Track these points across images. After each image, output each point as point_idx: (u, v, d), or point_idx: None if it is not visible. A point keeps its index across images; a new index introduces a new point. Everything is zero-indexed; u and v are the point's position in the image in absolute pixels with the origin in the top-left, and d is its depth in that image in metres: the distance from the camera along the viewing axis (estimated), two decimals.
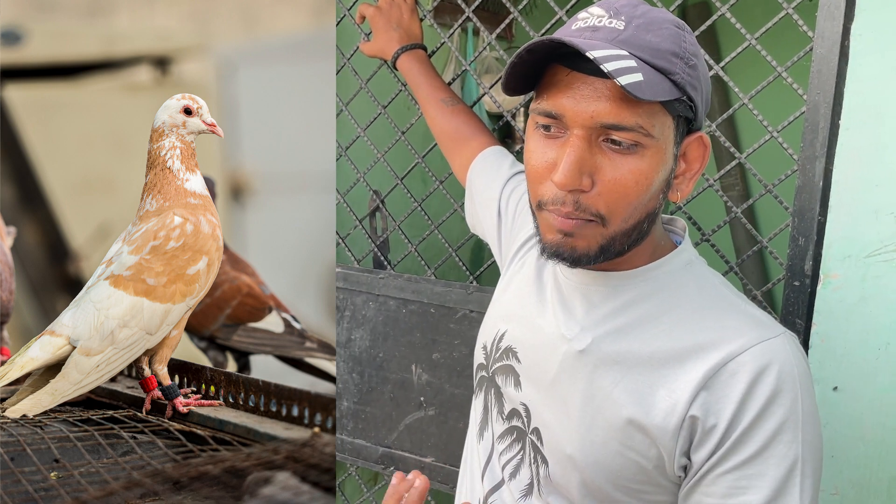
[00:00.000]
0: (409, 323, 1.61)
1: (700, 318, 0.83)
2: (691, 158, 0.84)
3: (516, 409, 0.94)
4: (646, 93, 0.73)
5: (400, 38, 1.46)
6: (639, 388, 0.82)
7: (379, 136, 1.67)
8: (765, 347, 0.79)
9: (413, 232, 1.69)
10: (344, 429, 1.74)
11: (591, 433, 0.84)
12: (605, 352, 0.85)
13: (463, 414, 1.57)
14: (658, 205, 0.83)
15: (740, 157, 1.29)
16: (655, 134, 0.77)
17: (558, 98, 0.78)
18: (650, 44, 0.77)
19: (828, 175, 1.17)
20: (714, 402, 0.78)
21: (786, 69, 1.21)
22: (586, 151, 0.77)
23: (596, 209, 0.79)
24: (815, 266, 1.19)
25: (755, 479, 0.77)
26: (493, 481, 0.97)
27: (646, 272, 0.86)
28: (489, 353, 1.00)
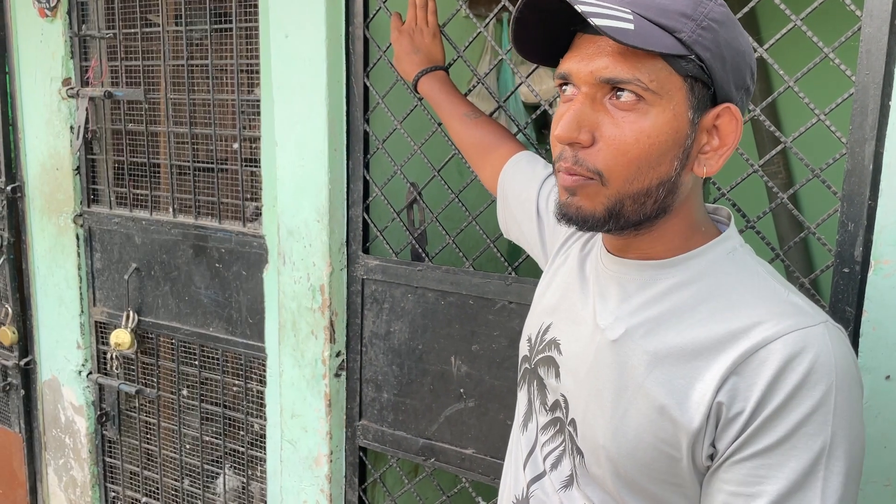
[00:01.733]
0: (448, 315, 1.61)
1: (738, 307, 0.80)
2: (724, 133, 0.82)
3: (557, 401, 0.94)
4: (632, 39, 0.73)
5: (420, 61, 1.49)
6: (672, 380, 0.80)
7: (415, 129, 1.67)
8: (801, 335, 0.76)
9: (450, 224, 1.68)
10: (384, 420, 1.75)
11: (624, 424, 0.83)
12: (639, 342, 0.84)
13: (503, 405, 1.57)
14: (672, 172, 0.80)
15: (786, 141, 1.26)
16: (657, 90, 0.77)
17: (568, 60, 0.81)
18: (658, 4, 0.78)
19: (878, 158, 1.13)
20: (742, 387, 0.76)
21: (833, 50, 1.18)
22: (588, 107, 0.79)
23: (594, 165, 0.79)
24: (866, 252, 1.15)
25: (774, 469, 0.74)
26: (535, 471, 0.96)
27: (683, 261, 0.85)
28: (533, 345, 1.00)
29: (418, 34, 1.50)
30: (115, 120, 2.13)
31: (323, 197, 1.68)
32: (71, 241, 2.21)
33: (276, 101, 1.72)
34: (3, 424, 2.57)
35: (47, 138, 2.20)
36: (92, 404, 2.30)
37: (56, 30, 2.11)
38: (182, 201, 2.03)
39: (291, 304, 1.78)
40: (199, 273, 2.00)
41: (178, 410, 2.14)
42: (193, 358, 2.07)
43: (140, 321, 2.13)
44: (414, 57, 1.49)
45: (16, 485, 2.56)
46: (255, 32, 1.80)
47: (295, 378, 1.81)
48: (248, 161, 1.90)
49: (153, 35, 1.99)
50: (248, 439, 2.03)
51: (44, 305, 2.34)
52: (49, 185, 2.23)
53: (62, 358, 2.32)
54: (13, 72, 2.25)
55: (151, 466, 2.26)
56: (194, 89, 1.94)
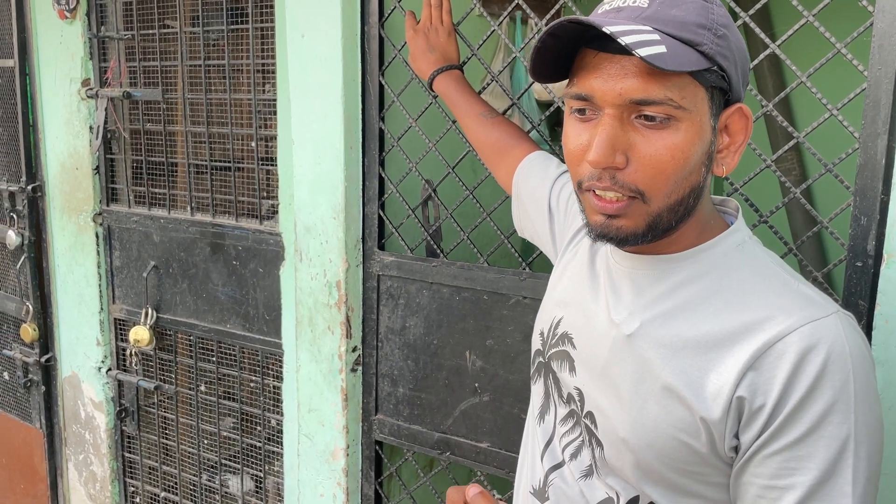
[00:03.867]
0: (463, 310, 1.63)
1: (750, 298, 0.82)
2: (734, 131, 0.84)
3: (571, 394, 0.95)
4: (669, 63, 0.74)
5: (436, 60, 1.51)
6: (688, 372, 0.82)
7: (430, 127, 1.69)
8: (815, 327, 0.77)
9: (465, 220, 1.70)
10: (400, 415, 1.77)
11: (643, 416, 0.85)
12: (654, 335, 0.85)
13: (517, 399, 1.58)
14: (701, 178, 0.82)
15: (799, 136, 1.27)
16: (687, 106, 0.78)
17: (587, 80, 0.79)
18: (675, 18, 0.77)
19: (890, 152, 1.14)
20: (762, 382, 0.77)
21: (845, 45, 1.19)
22: (618, 129, 0.79)
23: (634, 185, 0.80)
24: (879, 246, 1.16)
25: (804, 461, 0.76)
26: (553, 461, 0.98)
27: (695, 254, 0.86)
28: (546, 339, 1.02)
29: (433, 33, 1.52)
30: (134, 120, 2.16)
31: (339, 194, 1.70)
32: (90, 239, 2.25)
33: (292, 100, 1.74)
34: (24, 420, 2.61)
35: (67, 138, 2.24)
36: (111, 400, 2.34)
37: (75, 31, 2.14)
38: (199, 200, 2.06)
39: (308, 300, 1.80)
40: (216, 270, 2.03)
41: (195, 406, 2.17)
42: (211, 354, 2.10)
43: (158, 318, 2.16)
44: (430, 56, 1.51)
45: (36, 480, 2.61)
46: (270, 32, 1.82)
47: (312, 373, 1.83)
48: (264, 160, 1.92)
49: (170, 36, 2.02)
50: (265, 434, 2.06)
51: (64, 303, 2.37)
52: (69, 184, 2.27)
53: (82, 354, 2.36)
54: (33, 73, 2.29)
55: (170, 461, 2.29)
56: (211, 89, 1.97)
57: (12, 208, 2.40)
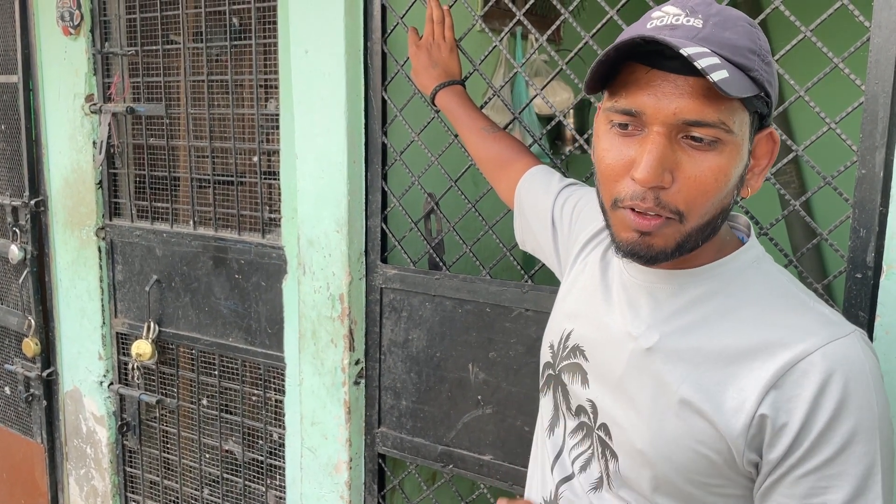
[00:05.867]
0: (466, 322, 1.64)
1: (769, 315, 0.83)
2: (759, 154, 0.85)
3: (583, 406, 0.96)
4: (733, 89, 0.73)
5: (438, 75, 1.52)
6: (707, 385, 0.83)
7: (432, 141, 1.71)
8: (836, 347, 0.79)
9: (467, 233, 1.72)
10: (403, 427, 1.77)
11: (662, 429, 0.85)
12: (672, 349, 0.86)
13: (520, 412, 1.59)
14: (731, 201, 0.83)
15: (798, 149, 1.28)
16: (735, 130, 0.78)
17: (638, 96, 0.78)
18: (729, 41, 0.77)
19: (889, 165, 1.16)
20: (785, 401, 0.78)
21: (843, 60, 1.20)
22: (668, 148, 0.78)
23: (675, 206, 0.79)
24: (878, 257, 1.17)
25: (836, 479, 0.78)
26: (563, 473, 0.98)
27: (712, 269, 0.87)
28: (556, 351, 1.02)
29: (436, 49, 1.54)
30: (137, 135, 2.17)
31: (342, 208, 1.72)
32: (93, 253, 2.26)
33: (296, 115, 1.76)
34: (26, 435, 2.61)
35: (70, 153, 2.25)
36: (113, 414, 2.34)
37: (79, 47, 2.16)
38: (202, 214, 2.07)
39: (311, 313, 1.81)
40: (218, 284, 2.04)
41: (197, 420, 2.17)
42: (213, 368, 2.11)
43: (160, 332, 2.17)
44: (432, 71, 1.53)
45: (37, 495, 2.60)
46: (273, 48, 1.84)
47: (315, 386, 1.84)
48: (266, 174, 1.94)
49: (174, 52, 2.04)
50: (267, 448, 2.06)
51: (66, 317, 2.38)
52: (72, 198, 2.28)
53: (84, 369, 2.36)
54: (37, 88, 2.31)
55: (171, 476, 2.29)
56: (214, 104, 1.99)
57: (15, 223, 2.41)
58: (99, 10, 2.13)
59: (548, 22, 2.33)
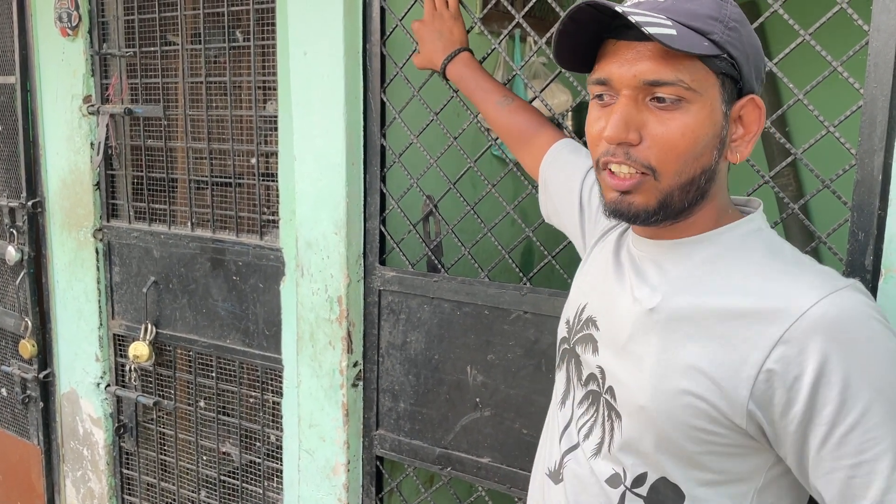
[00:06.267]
0: (464, 325, 1.64)
1: (769, 273, 0.86)
2: (748, 121, 0.89)
3: (593, 373, 0.98)
4: (677, 43, 0.80)
5: (444, 46, 1.50)
6: (710, 341, 0.85)
7: (431, 143, 1.71)
8: (837, 297, 0.80)
9: (465, 235, 1.71)
10: (401, 430, 1.77)
11: (663, 384, 0.88)
12: (675, 307, 0.89)
13: (519, 414, 1.59)
14: (712, 161, 0.88)
15: (796, 152, 1.29)
16: (697, 88, 0.84)
17: (607, 65, 0.87)
18: (689, 10, 0.84)
19: (887, 169, 1.16)
20: (794, 354, 0.80)
21: (841, 63, 1.21)
22: (633, 109, 0.85)
23: (647, 161, 0.86)
24: (876, 261, 1.18)
25: (881, 426, 0.78)
26: (570, 443, 1.01)
27: (714, 236, 0.91)
28: (572, 325, 1.06)
29: (438, 18, 1.51)
30: (135, 136, 2.17)
31: (341, 210, 1.72)
32: (90, 255, 2.25)
33: (294, 117, 1.75)
34: (22, 437, 2.60)
35: (68, 154, 2.25)
36: (110, 416, 2.33)
37: (77, 48, 2.16)
38: (200, 215, 2.06)
39: (309, 315, 1.81)
40: (216, 286, 2.04)
41: (195, 422, 2.16)
42: (210, 370, 2.10)
43: (158, 334, 2.16)
44: (438, 43, 1.50)
45: (34, 497, 2.59)
46: (271, 50, 1.84)
47: (313, 388, 1.83)
48: (264, 175, 1.93)
49: (172, 53, 2.04)
50: (265, 450, 2.05)
51: (63, 319, 2.37)
52: (69, 200, 2.27)
53: (81, 370, 2.35)
54: (35, 89, 2.30)
55: (168, 478, 2.28)
56: (212, 106, 1.98)
57: (12, 224, 2.41)
58: (97, 11, 2.13)
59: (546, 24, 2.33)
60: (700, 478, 0.88)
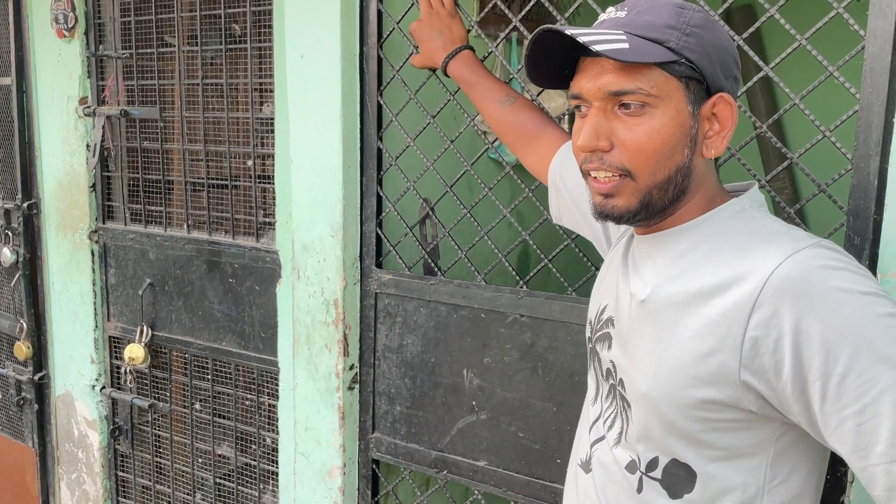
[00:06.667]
0: (460, 328, 1.64)
1: (744, 250, 0.89)
2: (722, 118, 0.93)
3: (609, 368, 1.04)
4: (628, 56, 0.86)
5: (444, 44, 1.50)
6: (696, 321, 0.89)
7: (427, 146, 1.71)
8: (800, 256, 0.83)
9: (462, 238, 1.71)
10: (397, 433, 1.76)
11: (661, 369, 0.92)
12: (664, 296, 0.94)
13: (515, 417, 1.59)
14: (685, 159, 0.92)
15: (792, 157, 1.29)
16: (659, 94, 0.89)
17: (578, 80, 0.94)
18: (646, 22, 0.90)
19: (883, 174, 1.16)
20: (770, 317, 0.82)
21: (837, 68, 1.21)
22: (602, 119, 0.92)
23: (620, 164, 0.92)
24: (872, 266, 1.18)
25: (875, 365, 0.78)
26: (597, 435, 1.05)
27: (697, 223, 0.95)
28: (593, 325, 1.11)
29: (436, 17, 1.51)
30: (131, 138, 2.17)
31: (337, 212, 1.71)
32: (86, 256, 2.24)
33: (291, 119, 1.75)
34: (17, 439, 2.59)
35: (64, 156, 2.24)
36: (105, 418, 2.32)
37: (73, 50, 2.15)
38: (196, 217, 2.06)
39: (306, 317, 1.80)
40: (212, 288, 2.03)
41: (190, 424, 2.16)
42: (206, 372, 2.10)
43: (153, 336, 2.16)
44: (437, 41, 1.50)
45: (28, 499, 2.58)
46: (268, 52, 1.84)
47: (309, 391, 1.83)
48: (260, 177, 1.93)
49: (168, 55, 2.04)
50: (260, 453, 2.05)
51: (58, 321, 2.37)
52: (65, 201, 2.27)
53: (76, 373, 2.34)
54: (31, 91, 2.30)
55: (164, 480, 2.27)
56: (208, 107, 1.98)
57: (7, 226, 2.40)
58: (93, 12, 2.13)
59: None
60: (709, 455, 0.91)
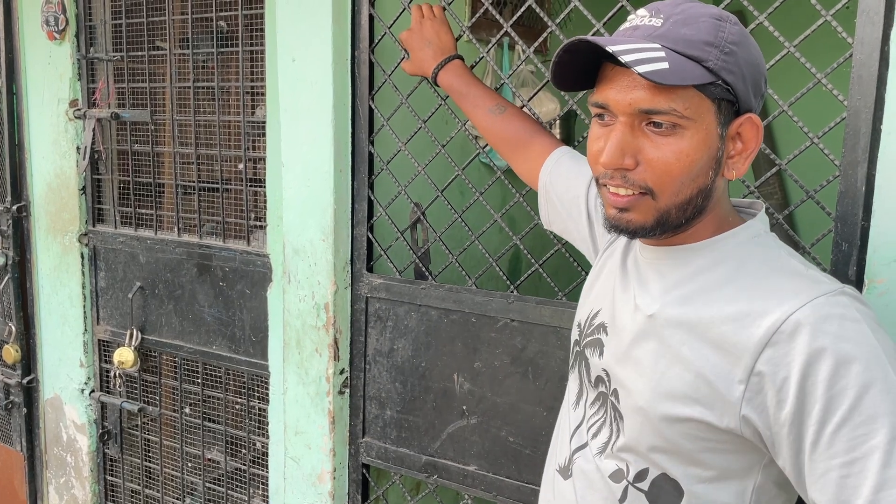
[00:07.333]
0: (451, 332, 1.64)
1: (762, 283, 0.87)
2: (746, 138, 0.90)
3: (600, 376, 1.02)
4: (669, 78, 0.81)
5: (434, 54, 1.51)
6: (703, 346, 0.88)
7: (419, 150, 1.71)
8: (823, 301, 0.82)
9: (453, 243, 1.71)
10: (387, 437, 1.76)
11: (661, 387, 0.90)
12: (672, 314, 0.92)
13: (505, 422, 1.59)
14: (709, 181, 0.89)
15: (781, 163, 1.29)
16: (692, 115, 0.85)
17: (604, 90, 0.89)
18: (684, 36, 0.85)
19: (870, 180, 1.17)
20: (781, 356, 0.81)
21: (825, 75, 1.22)
22: (629, 135, 0.87)
23: (644, 183, 0.88)
24: (860, 271, 1.18)
25: (870, 423, 0.77)
26: (579, 442, 1.04)
27: (712, 244, 0.93)
28: (583, 328, 1.08)
29: (426, 26, 1.52)
30: (121, 141, 2.16)
31: (328, 216, 1.71)
32: (76, 259, 2.23)
33: (282, 123, 1.75)
34: (5, 443, 2.57)
35: (54, 158, 2.23)
36: (94, 422, 2.31)
37: (64, 52, 2.15)
38: (186, 221, 2.05)
39: (296, 321, 1.80)
40: (202, 291, 2.03)
41: (180, 428, 2.15)
42: (196, 376, 2.09)
43: (143, 339, 2.15)
44: (427, 51, 1.51)
45: (16, 503, 2.56)
46: (260, 56, 1.84)
47: (299, 395, 1.83)
48: (251, 181, 1.93)
49: (160, 58, 2.03)
50: (250, 457, 2.04)
51: (47, 324, 2.35)
52: (55, 204, 2.26)
53: (65, 376, 2.33)
54: (20, 93, 2.29)
55: (153, 485, 2.26)
56: (199, 111, 1.98)
57: None
58: (84, 15, 2.12)
59: (535, 33, 2.34)
60: (699, 475, 0.91)
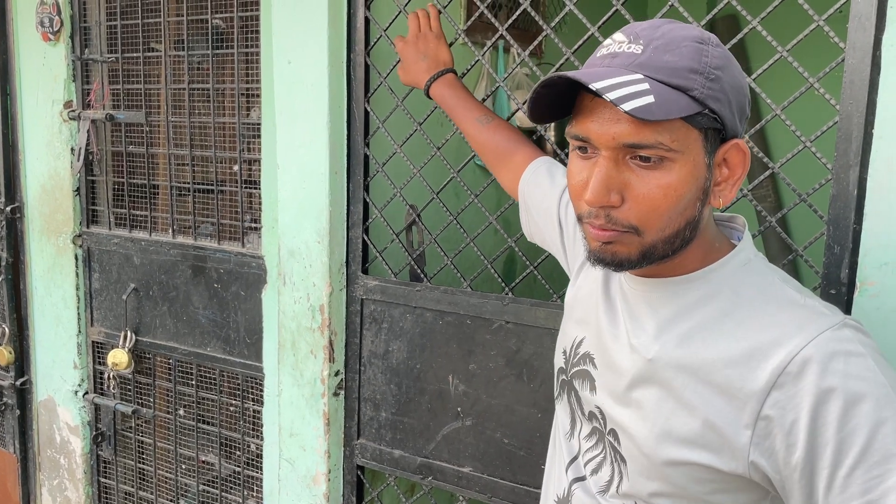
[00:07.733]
0: (446, 334, 1.64)
1: (762, 317, 0.84)
2: (732, 164, 0.87)
3: (593, 412, 0.99)
4: (656, 113, 0.77)
5: (428, 67, 1.52)
6: (708, 390, 0.85)
7: (414, 152, 1.71)
8: (827, 336, 0.79)
9: (448, 245, 1.72)
10: (382, 439, 1.76)
11: (665, 432, 0.88)
12: (673, 357, 0.88)
13: (500, 424, 1.59)
14: (696, 212, 0.86)
15: (774, 166, 1.30)
16: (679, 148, 0.81)
17: (584, 123, 0.84)
18: (667, 64, 0.80)
19: (862, 183, 1.18)
20: (789, 398, 0.79)
21: (818, 80, 1.23)
22: (613, 170, 0.82)
23: (628, 222, 0.84)
24: (852, 274, 1.19)
25: (885, 462, 0.75)
26: (576, 474, 1.01)
27: (704, 275, 0.89)
28: (568, 357, 1.05)
29: (423, 40, 1.53)
30: (116, 142, 2.16)
31: (324, 218, 1.71)
32: (70, 261, 2.23)
33: (278, 125, 1.75)
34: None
35: (48, 160, 2.23)
36: (88, 424, 2.31)
37: (58, 53, 2.14)
38: (181, 222, 2.05)
39: (291, 323, 1.80)
40: (197, 293, 2.02)
41: (174, 430, 2.15)
42: (190, 378, 2.09)
43: (137, 341, 2.14)
44: (422, 63, 1.52)
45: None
46: (255, 57, 1.84)
47: (294, 397, 1.83)
48: (246, 183, 1.93)
49: (154, 59, 2.03)
50: (245, 459, 2.04)
51: (41, 325, 2.35)
52: (49, 205, 2.25)
53: (58, 378, 2.32)
54: (14, 94, 2.28)
55: (146, 487, 2.26)
56: (194, 112, 1.98)
57: None
58: (79, 16, 2.12)
59: (530, 36, 2.35)
60: None
